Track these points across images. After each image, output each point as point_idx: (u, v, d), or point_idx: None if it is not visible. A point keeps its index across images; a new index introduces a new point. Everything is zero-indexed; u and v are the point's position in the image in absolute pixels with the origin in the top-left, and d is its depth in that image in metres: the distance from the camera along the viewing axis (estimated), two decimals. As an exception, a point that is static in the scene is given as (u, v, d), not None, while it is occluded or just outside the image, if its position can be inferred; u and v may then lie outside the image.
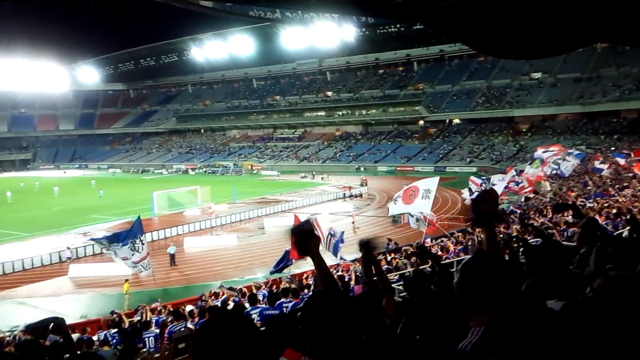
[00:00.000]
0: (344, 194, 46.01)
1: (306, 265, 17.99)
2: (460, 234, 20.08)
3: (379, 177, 62.68)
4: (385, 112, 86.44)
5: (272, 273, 16.14)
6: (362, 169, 70.30)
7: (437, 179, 18.36)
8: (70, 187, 60.52)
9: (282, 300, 9.53)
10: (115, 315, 13.19)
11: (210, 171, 78.29)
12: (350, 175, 63.39)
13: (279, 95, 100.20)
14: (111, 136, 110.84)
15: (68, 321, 14.99)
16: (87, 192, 53.32)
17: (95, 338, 10.87)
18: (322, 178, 61.23)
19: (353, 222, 31.54)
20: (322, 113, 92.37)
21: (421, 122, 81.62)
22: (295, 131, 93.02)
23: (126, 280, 19.78)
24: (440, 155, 70.17)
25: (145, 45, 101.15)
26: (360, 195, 46.18)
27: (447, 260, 12.83)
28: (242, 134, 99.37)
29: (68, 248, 26.30)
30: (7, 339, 12.62)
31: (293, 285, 11.96)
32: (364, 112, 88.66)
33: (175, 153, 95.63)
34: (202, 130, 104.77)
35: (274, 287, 14.62)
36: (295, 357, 1.63)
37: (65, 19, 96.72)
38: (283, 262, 15.25)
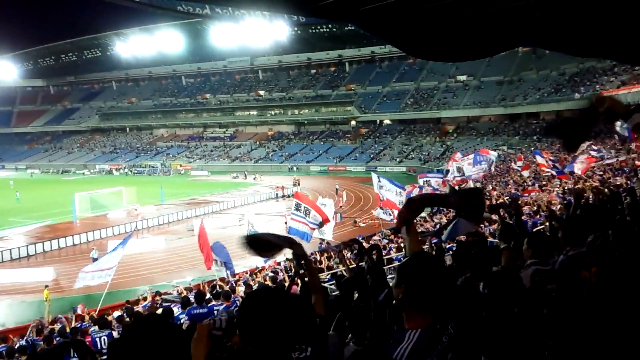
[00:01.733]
0: (277, 194, 46.12)
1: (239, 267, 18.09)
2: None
3: (311, 177, 63.34)
4: (317, 112, 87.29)
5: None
6: (294, 168, 70.79)
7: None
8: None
9: (214, 303, 9.65)
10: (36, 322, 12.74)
11: (136, 171, 75.92)
12: (283, 175, 63.49)
13: (210, 94, 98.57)
14: (29, 135, 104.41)
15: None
16: (4, 193, 50.05)
17: (17, 346, 10.51)
18: (254, 178, 61.05)
19: (285, 223, 31.57)
20: (255, 112, 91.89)
21: (353, 122, 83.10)
22: (227, 130, 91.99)
23: (46, 286, 19.06)
24: (372, 156, 71.80)
25: (67, 40, 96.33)
26: (293, 196, 46.32)
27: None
28: (171, 133, 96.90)
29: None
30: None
31: (226, 288, 12.12)
32: (296, 111, 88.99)
33: (98, 153, 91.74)
34: (128, 129, 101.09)
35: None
36: None
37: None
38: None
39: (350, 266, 5.76)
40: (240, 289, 12.94)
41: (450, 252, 8.10)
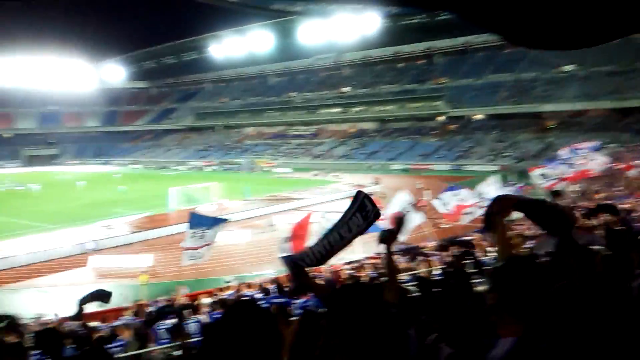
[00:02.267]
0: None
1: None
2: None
3: (391, 175, 62.38)
4: (402, 108, 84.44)
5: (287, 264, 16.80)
6: (374, 167, 70.22)
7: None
8: (94, 182, 62.53)
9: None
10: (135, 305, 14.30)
11: (225, 168, 79.71)
12: (362, 173, 63.59)
13: (295, 92, 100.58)
14: (133, 133, 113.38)
15: (87, 310, 16.24)
16: (110, 187, 55.14)
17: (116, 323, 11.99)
18: (334, 176, 61.54)
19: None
20: (337, 110, 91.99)
21: (440, 118, 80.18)
22: (309, 128, 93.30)
23: (144, 272, 21.12)
24: (459, 153, 68.87)
25: (167, 43, 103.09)
26: (372, 194, 46.42)
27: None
28: (257, 131, 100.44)
29: (91, 240, 27.89)
30: (31, 325, 14.00)
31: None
32: (380, 108, 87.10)
33: (192, 150, 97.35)
34: (219, 128, 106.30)
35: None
36: None
37: (93, 17, 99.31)
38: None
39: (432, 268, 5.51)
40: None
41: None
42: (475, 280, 5.64)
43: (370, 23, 79.59)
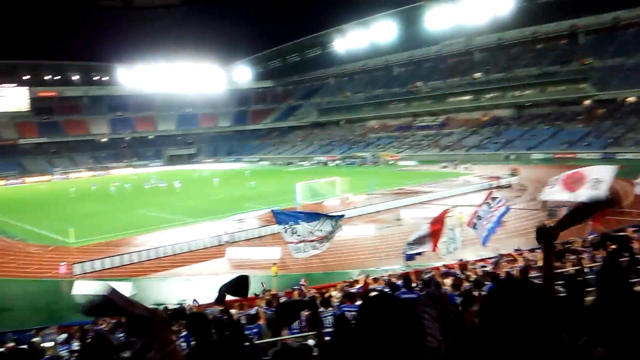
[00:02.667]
0: (490, 184, 43.90)
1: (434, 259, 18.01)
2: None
3: (532, 166, 57.92)
4: (542, 93, 78.46)
5: (408, 260, 16.31)
6: (512, 157, 65.98)
7: (613, 167, 14.69)
8: (227, 178, 66.54)
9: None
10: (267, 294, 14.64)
11: (348, 162, 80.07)
12: (498, 164, 60.23)
13: (421, 81, 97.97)
14: (261, 131, 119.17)
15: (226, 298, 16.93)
16: (241, 183, 58.22)
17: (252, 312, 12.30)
18: (465, 168, 59.11)
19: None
20: (468, 97, 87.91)
21: (587, 102, 73.16)
22: (437, 118, 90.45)
23: (274, 263, 21.64)
24: (610, 140, 62.29)
25: (292, 42, 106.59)
26: (509, 186, 43.51)
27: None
28: (381, 123, 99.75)
29: (225, 233, 29.36)
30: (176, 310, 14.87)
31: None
32: (516, 93, 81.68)
33: (316, 145, 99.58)
34: (342, 122, 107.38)
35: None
36: None
37: (224, 24, 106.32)
38: (416, 244, 15.38)
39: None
40: (448, 281, 12.78)
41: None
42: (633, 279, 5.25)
43: (503, 3, 74.75)
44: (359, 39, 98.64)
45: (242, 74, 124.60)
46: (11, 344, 11.76)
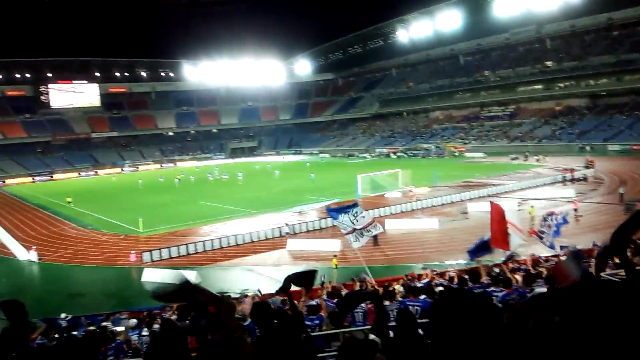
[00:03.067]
0: (564, 177, 41.79)
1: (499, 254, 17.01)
2: None
3: (609, 158, 54.76)
4: (619, 81, 73.49)
5: (471, 259, 15.63)
6: (587, 148, 62.27)
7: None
8: (288, 170, 67.09)
9: (493, 288, 9.16)
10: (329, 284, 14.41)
11: (411, 154, 78.73)
12: (572, 156, 57.40)
13: (489, 70, 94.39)
14: (321, 123, 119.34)
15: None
16: (302, 175, 58.44)
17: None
18: (536, 159, 56.68)
19: (575, 210, 28.39)
20: (539, 86, 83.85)
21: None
22: (506, 108, 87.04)
23: (335, 255, 21.33)
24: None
25: (353, 33, 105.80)
26: (585, 179, 41.29)
27: None
28: (446, 114, 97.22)
29: (286, 224, 29.37)
30: (240, 299, 14.90)
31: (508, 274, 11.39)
32: (591, 82, 77.08)
33: (378, 137, 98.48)
34: (405, 113, 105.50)
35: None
36: None
37: (284, 17, 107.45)
38: (481, 251, 14.64)
39: None
40: (518, 277, 11.99)
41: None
42: None
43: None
44: (422, 28, 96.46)
45: (303, 67, 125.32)
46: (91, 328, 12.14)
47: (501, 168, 53.25)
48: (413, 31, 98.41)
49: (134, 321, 12.58)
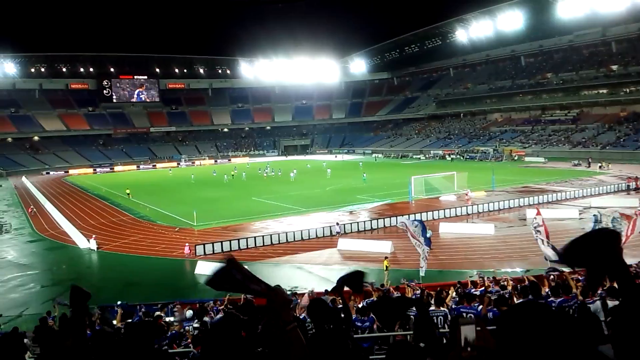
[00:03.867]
0: (629, 185, 39.69)
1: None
2: None
3: (678, 167, 51.80)
4: None
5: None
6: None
7: None
8: (340, 169, 66.93)
9: (552, 298, 8.84)
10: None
11: (468, 157, 76.88)
12: (637, 164, 54.85)
13: (551, 73, 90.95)
14: (375, 123, 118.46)
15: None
16: (354, 174, 58.14)
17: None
18: (600, 167, 54.07)
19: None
20: (604, 90, 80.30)
21: None
22: (569, 112, 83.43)
23: (385, 257, 21.01)
24: None
25: (411, 32, 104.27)
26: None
27: None
28: (505, 117, 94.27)
29: (337, 224, 29.16)
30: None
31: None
32: (659, 87, 73.06)
33: (433, 138, 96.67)
34: (462, 115, 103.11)
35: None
36: None
37: (340, 16, 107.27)
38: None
39: None
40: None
41: None
42: None
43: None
44: (482, 28, 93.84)
45: (358, 66, 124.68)
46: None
47: (562, 174, 51.23)
48: (473, 31, 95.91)
49: (190, 312, 12.82)
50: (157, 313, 12.90)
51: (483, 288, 13.74)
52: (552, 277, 13.66)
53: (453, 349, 1.82)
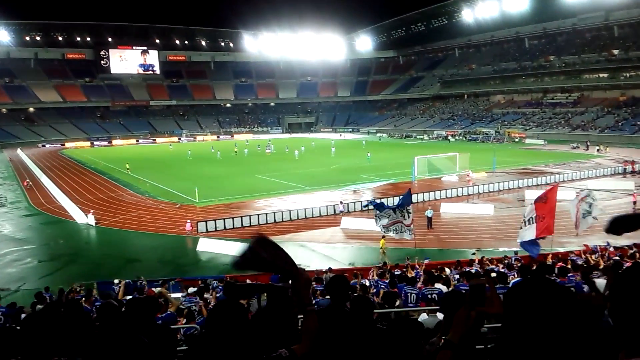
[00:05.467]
0: (624, 169, 40.34)
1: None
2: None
3: (675, 151, 52.37)
4: None
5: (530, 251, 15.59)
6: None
7: None
8: (344, 148, 67.18)
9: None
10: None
11: (470, 138, 77.16)
12: (634, 148, 55.39)
13: (554, 55, 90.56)
14: (380, 102, 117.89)
15: (337, 266, 17.27)
16: (358, 154, 58.39)
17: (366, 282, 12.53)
18: (598, 150, 54.57)
19: (634, 203, 27.67)
20: (605, 75, 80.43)
21: None
22: (570, 95, 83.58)
23: (383, 236, 21.49)
24: None
25: (418, 10, 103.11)
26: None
27: None
28: (507, 99, 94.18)
29: (340, 202, 29.69)
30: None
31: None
32: (658, 73, 73.31)
33: (437, 119, 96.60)
34: (465, 96, 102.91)
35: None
36: None
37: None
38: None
39: None
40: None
41: None
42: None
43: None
44: (488, 8, 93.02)
45: (364, 43, 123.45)
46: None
47: (561, 156, 51.87)
48: (478, 11, 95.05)
49: (192, 289, 13.24)
50: (158, 289, 12.98)
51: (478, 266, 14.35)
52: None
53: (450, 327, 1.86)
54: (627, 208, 27.53)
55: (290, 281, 2.34)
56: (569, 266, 12.39)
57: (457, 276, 12.76)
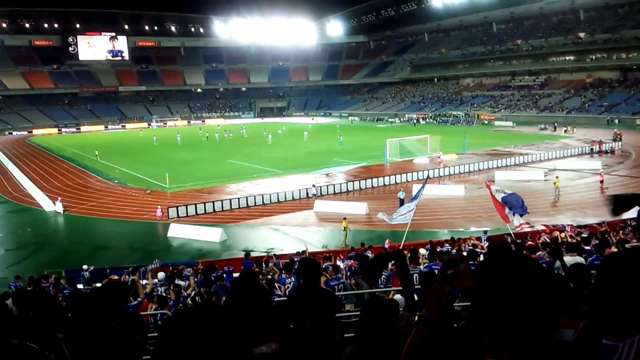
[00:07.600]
0: (592, 149, 41.49)
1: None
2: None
3: (637, 131, 53.99)
4: None
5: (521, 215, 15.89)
6: (615, 121, 61.53)
7: None
8: (316, 132, 66.97)
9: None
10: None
11: (440, 120, 77.93)
12: (600, 128, 56.78)
13: (521, 39, 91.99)
14: (351, 86, 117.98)
15: (311, 249, 17.27)
16: (330, 137, 58.34)
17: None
18: (565, 131, 55.78)
19: (601, 182, 28.50)
20: (571, 57, 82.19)
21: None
22: (537, 78, 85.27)
23: (344, 218, 21.71)
24: None
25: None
26: (612, 152, 41.25)
27: None
28: (477, 82, 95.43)
29: (313, 186, 29.63)
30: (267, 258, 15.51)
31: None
32: (623, 55, 75.54)
33: (408, 102, 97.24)
34: (435, 80, 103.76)
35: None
36: None
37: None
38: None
39: None
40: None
41: None
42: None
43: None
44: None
45: (335, 28, 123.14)
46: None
47: (529, 138, 52.74)
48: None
49: (162, 274, 13.05)
50: (130, 277, 12.78)
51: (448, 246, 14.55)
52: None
53: (424, 305, 1.86)
54: (595, 187, 28.36)
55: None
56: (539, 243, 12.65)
57: (426, 253, 12.85)
